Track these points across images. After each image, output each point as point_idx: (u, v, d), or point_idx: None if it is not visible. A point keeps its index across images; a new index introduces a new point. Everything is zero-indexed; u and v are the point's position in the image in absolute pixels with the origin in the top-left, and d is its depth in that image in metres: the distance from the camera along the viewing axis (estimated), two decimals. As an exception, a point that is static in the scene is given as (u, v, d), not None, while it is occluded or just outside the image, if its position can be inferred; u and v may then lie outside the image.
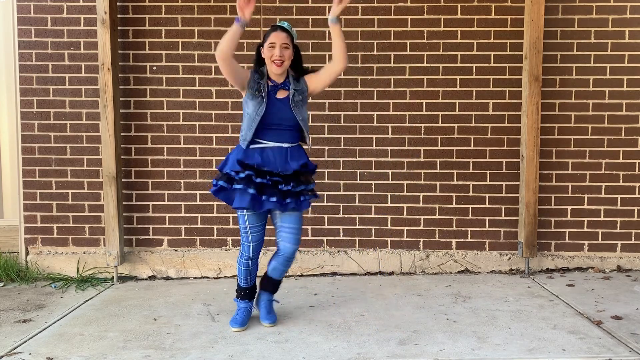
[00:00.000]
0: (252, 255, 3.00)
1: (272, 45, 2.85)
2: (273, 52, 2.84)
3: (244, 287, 3.08)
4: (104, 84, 3.81)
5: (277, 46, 2.84)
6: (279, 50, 2.83)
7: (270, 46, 2.85)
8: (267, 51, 2.86)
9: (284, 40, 2.86)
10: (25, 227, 4.08)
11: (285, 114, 2.88)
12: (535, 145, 3.90)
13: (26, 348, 2.78)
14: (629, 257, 4.09)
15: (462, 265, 4.10)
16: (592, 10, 3.98)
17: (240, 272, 3.05)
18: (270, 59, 2.85)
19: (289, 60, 2.90)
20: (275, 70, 2.85)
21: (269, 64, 2.88)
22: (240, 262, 3.04)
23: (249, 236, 2.95)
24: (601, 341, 2.77)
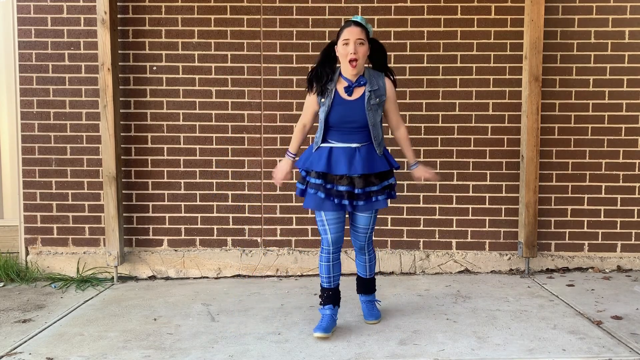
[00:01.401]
0: (333, 248, 2.84)
1: (345, 42, 2.70)
2: (347, 49, 2.70)
3: (327, 287, 2.89)
4: (104, 84, 3.81)
5: (351, 42, 2.68)
6: (353, 47, 2.68)
7: (344, 43, 2.70)
8: (342, 49, 2.72)
9: (359, 35, 2.70)
10: (25, 227, 4.08)
11: (357, 115, 2.74)
12: (535, 145, 3.90)
13: (26, 348, 2.78)
14: (629, 257, 4.09)
15: (462, 266, 4.10)
16: (592, 10, 3.98)
17: (321, 269, 2.88)
18: (346, 57, 2.71)
19: (363, 57, 2.74)
20: (350, 70, 2.72)
21: (344, 63, 2.74)
22: (321, 257, 2.88)
23: (326, 228, 2.82)
24: (601, 341, 2.77)
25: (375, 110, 2.76)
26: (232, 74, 4.02)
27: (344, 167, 2.72)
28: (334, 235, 2.83)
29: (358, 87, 2.76)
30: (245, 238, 4.09)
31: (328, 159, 2.74)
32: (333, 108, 2.73)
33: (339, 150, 2.76)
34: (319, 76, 2.76)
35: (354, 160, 2.74)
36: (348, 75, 2.76)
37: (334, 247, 2.85)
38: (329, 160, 2.74)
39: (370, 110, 2.74)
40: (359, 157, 2.74)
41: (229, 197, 4.07)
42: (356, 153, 2.75)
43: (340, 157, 2.74)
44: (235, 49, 4.01)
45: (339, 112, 2.73)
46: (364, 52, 2.72)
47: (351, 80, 2.76)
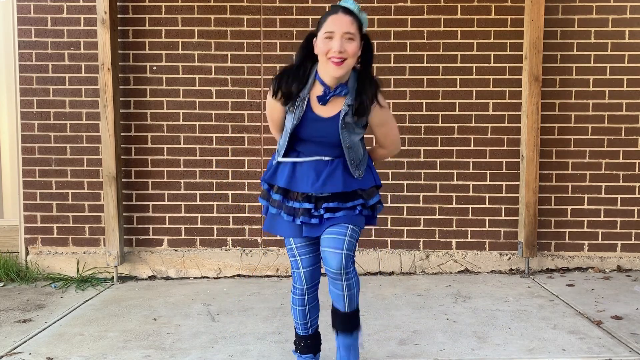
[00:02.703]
0: (308, 285, 2.27)
1: (329, 36, 2.00)
2: (330, 45, 1.99)
3: (304, 335, 2.35)
4: (104, 84, 3.81)
5: (337, 36, 1.99)
6: (339, 43, 1.98)
7: (327, 36, 2.00)
8: (322, 43, 2.01)
9: (348, 27, 2.00)
10: (25, 227, 4.08)
11: (331, 135, 2.13)
12: (535, 145, 3.90)
13: (26, 348, 2.78)
14: (629, 257, 4.09)
15: (462, 265, 4.10)
16: (592, 10, 3.98)
17: (295, 313, 2.32)
18: (326, 55, 2.00)
19: (354, 58, 2.03)
20: (333, 71, 2.01)
21: (324, 63, 2.03)
22: (293, 299, 2.31)
23: (297, 260, 2.24)
24: (601, 341, 2.77)
25: (352, 129, 2.13)
26: (232, 74, 4.02)
27: (307, 184, 2.14)
28: (307, 269, 2.25)
29: (337, 97, 2.09)
30: (245, 238, 4.09)
31: (291, 173, 2.18)
32: (303, 123, 2.11)
33: (305, 164, 2.17)
34: (288, 84, 2.08)
35: (321, 175, 2.15)
36: (327, 79, 2.06)
37: (310, 284, 2.27)
38: (293, 174, 2.18)
39: (345, 130, 2.11)
40: (328, 171, 2.16)
41: (229, 197, 4.07)
42: (327, 167, 2.16)
43: (307, 171, 2.16)
44: (235, 49, 4.01)
45: (310, 128, 2.13)
46: (354, 51, 2.02)
47: (329, 87, 2.07)
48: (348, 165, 2.17)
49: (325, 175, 2.15)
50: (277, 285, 3.85)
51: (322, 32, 2.04)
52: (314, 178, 2.14)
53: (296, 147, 2.20)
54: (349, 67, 2.04)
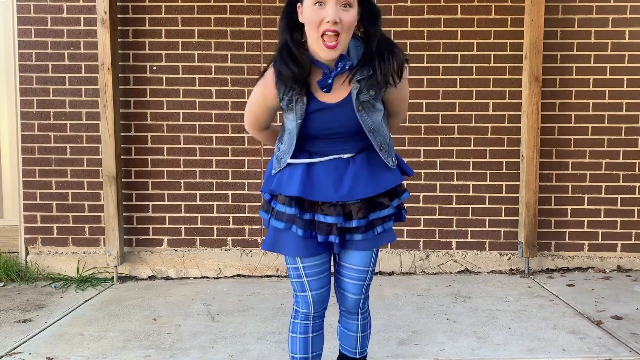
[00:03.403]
0: (315, 313, 1.88)
1: (319, 1, 1.58)
2: (321, 14, 1.57)
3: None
4: (104, 83, 3.80)
5: (331, 1, 1.57)
6: (333, 11, 1.56)
7: (316, 2, 1.58)
8: (311, 12, 1.59)
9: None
10: (25, 227, 4.07)
11: (346, 123, 1.74)
12: (535, 145, 3.90)
13: (26, 348, 2.78)
14: (629, 257, 4.09)
15: (462, 265, 4.10)
16: (592, 10, 3.98)
17: (293, 344, 1.92)
18: (317, 29, 1.59)
19: (349, 31, 1.62)
20: (326, 54, 1.62)
21: (314, 41, 1.62)
22: (293, 325, 1.92)
23: (303, 283, 1.84)
24: (601, 341, 2.77)
25: (371, 107, 1.73)
26: (232, 73, 4.01)
27: (329, 190, 1.75)
28: (317, 292, 1.86)
29: (340, 75, 1.69)
30: (245, 238, 4.09)
31: (305, 177, 1.77)
32: (308, 117, 1.73)
33: (322, 165, 1.78)
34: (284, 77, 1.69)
35: (345, 177, 1.77)
36: (322, 59, 1.65)
37: (317, 310, 1.88)
38: (307, 179, 1.76)
39: (363, 111, 1.72)
40: (354, 171, 1.78)
41: (229, 197, 4.07)
42: (349, 166, 1.78)
43: (325, 174, 1.77)
44: (235, 49, 4.00)
45: (319, 121, 1.74)
46: (350, 21, 1.60)
47: (328, 67, 1.67)
48: (375, 157, 1.81)
49: (352, 176, 1.76)
50: (277, 285, 3.85)
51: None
52: (337, 181, 1.75)
53: (306, 147, 1.80)
54: (345, 44, 1.63)
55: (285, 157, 1.80)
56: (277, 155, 1.85)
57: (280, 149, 1.84)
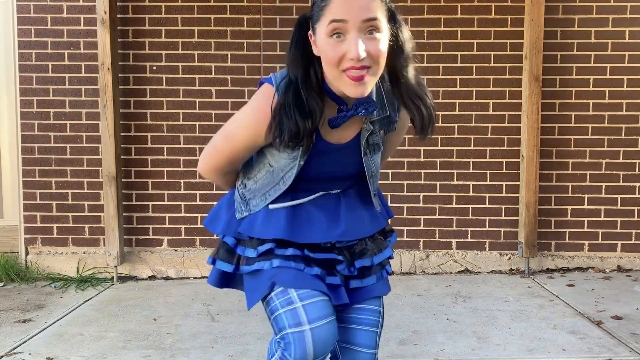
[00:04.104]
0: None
1: (337, 29, 1.21)
2: (341, 49, 1.22)
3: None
4: (104, 83, 3.80)
5: (352, 30, 1.21)
6: (356, 45, 1.20)
7: (334, 30, 1.21)
8: (327, 47, 1.23)
9: (368, 8, 1.22)
10: (25, 227, 4.07)
11: (349, 167, 1.46)
12: (536, 145, 3.90)
13: (26, 348, 2.78)
14: (629, 257, 4.09)
15: (462, 265, 4.10)
16: (592, 10, 3.98)
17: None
18: (337, 67, 1.24)
19: (381, 62, 1.27)
20: (355, 89, 1.25)
21: (334, 79, 1.27)
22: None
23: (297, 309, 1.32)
24: (601, 341, 2.77)
25: (376, 150, 1.48)
26: (232, 74, 4.01)
27: (319, 230, 1.42)
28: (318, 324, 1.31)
29: (356, 121, 1.40)
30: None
31: (290, 217, 1.43)
32: (310, 159, 1.39)
33: (308, 202, 1.46)
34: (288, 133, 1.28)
35: (338, 214, 1.45)
36: (346, 93, 1.28)
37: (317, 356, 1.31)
38: (292, 218, 1.43)
39: (368, 154, 1.46)
40: (347, 206, 1.48)
41: (229, 197, 4.06)
42: (341, 201, 1.48)
43: (312, 212, 1.44)
44: (235, 49, 4.00)
45: (319, 164, 1.41)
46: (380, 51, 1.25)
47: (345, 102, 1.33)
48: (364, 190, 1.52)
49: (345, 213, 1.46)
50: (277, 285, 3.84)
51: (324, 23, 1.22)
52: (329, 219, 1.43)
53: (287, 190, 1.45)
54: (377, 77, 1.28)
55: (260, 200, 1.44)
56: (244, 194, 1.46)
57: (249, 187, 1.46)
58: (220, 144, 1.44)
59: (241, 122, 1.39)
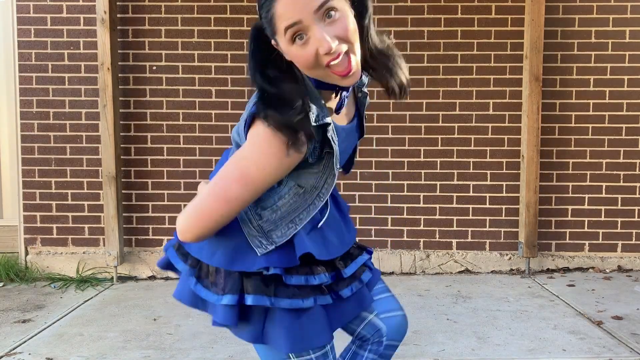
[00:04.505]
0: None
1: (296, 32, 1.13)
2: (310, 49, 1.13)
3: None
4: (104, 83, 3.80)
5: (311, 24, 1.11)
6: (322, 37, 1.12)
7: (295, 35, 1.13)
8: (296, 52, 1.15)
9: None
10: (24, 227, 4.07)
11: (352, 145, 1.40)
12: (536, 145, 3.89)
13: (26, 348, 2.78)
14: (630, 257, 4.08)
15: (463, 266, 4.09)
16: (592, 10, 3.98)
17: None
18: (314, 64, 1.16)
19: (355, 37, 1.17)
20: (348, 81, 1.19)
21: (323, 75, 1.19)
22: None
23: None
24: (602, 341, 2.76)
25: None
26: (232, 73, 4.01)
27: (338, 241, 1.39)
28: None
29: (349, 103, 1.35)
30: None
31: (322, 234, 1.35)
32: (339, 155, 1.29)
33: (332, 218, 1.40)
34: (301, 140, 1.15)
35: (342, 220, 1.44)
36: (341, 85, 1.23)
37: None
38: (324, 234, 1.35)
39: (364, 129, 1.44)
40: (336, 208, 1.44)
41: (228, 197, 4.05)
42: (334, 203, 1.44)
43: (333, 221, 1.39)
44: (235, 49, 4.00)
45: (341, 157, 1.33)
46: (347, 28, 1.15)
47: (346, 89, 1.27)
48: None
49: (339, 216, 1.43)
50: (277, 286, 3.84)
51: (280, 33, 1.14)
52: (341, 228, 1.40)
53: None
54: (359, 52, 1.19)
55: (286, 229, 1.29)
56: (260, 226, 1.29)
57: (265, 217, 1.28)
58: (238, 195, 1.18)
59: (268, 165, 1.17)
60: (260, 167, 1.16)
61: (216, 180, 1.19)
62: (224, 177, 1.19)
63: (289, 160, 1.16)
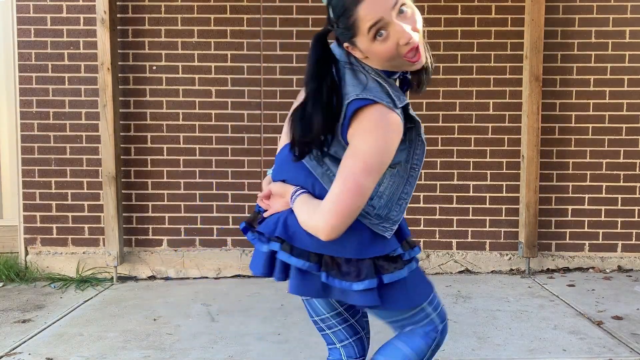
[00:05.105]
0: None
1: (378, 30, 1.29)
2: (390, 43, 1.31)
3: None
4: (104, 83, 3.80)
5: (390, 20, 1.28)
6: (402, 29, 1.29)
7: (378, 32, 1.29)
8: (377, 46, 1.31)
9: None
10: (24, 227, 4.07)
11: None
12: (536, 145, 3.89)
13: (26, 348, 2.78)
14: (630, 257, 4.08)
15: (463, 266, 4.09)
16: (592, 10, 3.97)
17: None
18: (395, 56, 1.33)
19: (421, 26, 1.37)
20: (415, 66, 1.41)
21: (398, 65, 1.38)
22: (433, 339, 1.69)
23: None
24: (602, 341, 2.76)
25: None
26: (232, 73, 4.01)
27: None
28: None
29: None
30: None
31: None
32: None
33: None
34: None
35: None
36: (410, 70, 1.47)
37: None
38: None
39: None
40: None
41: (229, 197, 4.06)
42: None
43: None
44: (235, 49, 4.00)
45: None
46: (419, 21, 1.35)
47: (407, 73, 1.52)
48: None
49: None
50: (277, 286, 3.84)
51: (362, 33, 1.30)
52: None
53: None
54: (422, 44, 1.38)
55: (398, 207, 1.47)
56: (378, 215, 1.43)
57: (377, 205, 1.43)
58: (370, 184, 1.30)
59: (384, 142, 1.31)
60: (380, 152, 1.29)
61: (344, 177, 1.29)
62: (350, 173, 1.29)
63: (398, 139, 1.33)
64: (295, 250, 1.40)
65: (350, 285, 1.37)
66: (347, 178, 1.29)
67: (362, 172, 1.28)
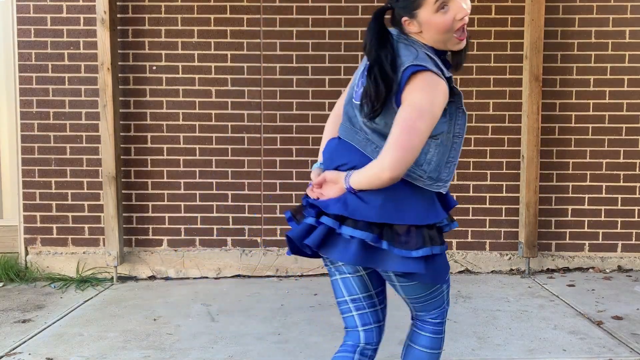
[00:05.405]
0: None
1: (444, 2, 1.52)
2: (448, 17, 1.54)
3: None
4: (104, 83, 3.80)
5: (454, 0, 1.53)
6: (460, 5, 1.57)
7: (442, 4, 1.52)
8: (437, 20, 1.52)
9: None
10: (24, 227, 4.07)
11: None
12: (536, 145, 3.89)
13: (26, 348, 2.78)
14: (630, 257, 4.08)
15: (463, 266, 4.09)
16: (592, 10, 3.97)
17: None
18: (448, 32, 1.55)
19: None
20: (460, 45, 1.62)
21: (446, 40, 1.57)
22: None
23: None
24: (602, 341, 2.76)
25: None
26: (232, 73, 4.01)
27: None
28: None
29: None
30: (245, 238, 4.08)
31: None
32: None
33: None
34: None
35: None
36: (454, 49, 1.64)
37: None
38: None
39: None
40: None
41: (229, 197, 4.06)
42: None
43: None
44: (235, 49, 4.00)
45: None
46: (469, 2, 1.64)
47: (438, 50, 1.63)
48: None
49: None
50: (277, 286, 3.84)
51: (428, 5, 1.51)
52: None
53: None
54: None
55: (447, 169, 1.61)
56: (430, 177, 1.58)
57: (428, 170, 1.57)
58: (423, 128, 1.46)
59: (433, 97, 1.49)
60: (431, 102, 1.47)
61: (401, 121, 1.46)
62: (407, 117, 1.46)
63: (445, 101, 1.50)
64: (359, 223, 1.51)
65: (410, 252, 1.50)
66: (404, 120, 1.46)
67: (417, 117, 1.45)
